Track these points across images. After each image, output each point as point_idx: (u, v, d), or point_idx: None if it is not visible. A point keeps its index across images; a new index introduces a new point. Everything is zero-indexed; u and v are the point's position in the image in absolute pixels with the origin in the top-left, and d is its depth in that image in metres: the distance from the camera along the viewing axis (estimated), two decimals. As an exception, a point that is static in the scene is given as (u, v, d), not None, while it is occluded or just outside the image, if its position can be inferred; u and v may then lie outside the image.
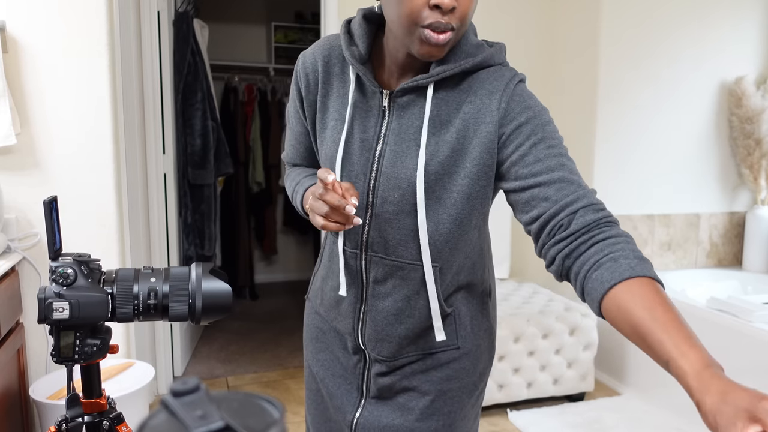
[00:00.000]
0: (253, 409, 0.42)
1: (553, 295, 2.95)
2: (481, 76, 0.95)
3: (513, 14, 3.22)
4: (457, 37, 0.90)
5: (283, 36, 4.74)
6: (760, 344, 2.25)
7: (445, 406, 1.08)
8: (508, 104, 0.92)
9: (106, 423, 0.96)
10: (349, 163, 0.99)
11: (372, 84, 0.97)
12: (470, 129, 0.93)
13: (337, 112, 1.01)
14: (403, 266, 1.00)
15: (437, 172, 0.94)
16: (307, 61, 1.04)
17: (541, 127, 0.92)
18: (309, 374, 1.20)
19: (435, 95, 0.95)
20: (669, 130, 3.11)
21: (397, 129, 0.97)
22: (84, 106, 2.10)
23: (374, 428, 1.09)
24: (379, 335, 1.05)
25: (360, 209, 0.98)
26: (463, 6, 0.87)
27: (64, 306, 0.84)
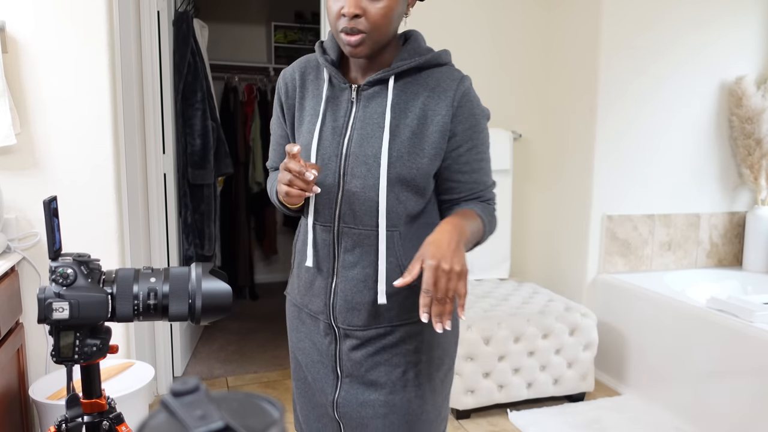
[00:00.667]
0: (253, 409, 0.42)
1: (553, 295, 2.94)
2: (434, 74, 1.17)
3: (513, 14, 3.22)
4: (372, 39, 1.09)
5: (283, 36, 4.74)
6: (760, 344, 2.25)
7: (415, 377, 1.19)
8: (460, 105, 1.15)
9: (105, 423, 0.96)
10: (323, 147, 1.16)
11: (341, 81, 1.17)
12: (428, 117, 1.15)
13: (312, 109, 1.20)
14: (369, 234, 1.15)
15: (399, 150, 1.13)
16: (287, 74, 1.25)
17: (477, 134, 1.18)
18: (295, 364, 1.31)
19: (396, 86, 1.15)
20: (669, 129, 3.11)
21: (363, 116, 1.15)
22: (84, 106, 2.10)
23: (353, 405, 1.20)
24: (349, 304, 1.17)
25: (333, 186, 1.15)
26: (370, 14, 1.07)
27: (64, 306, 0.84)
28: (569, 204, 3.21)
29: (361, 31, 1.08)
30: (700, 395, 2.51)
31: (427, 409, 1.21)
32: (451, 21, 3.11)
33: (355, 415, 1.20)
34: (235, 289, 4.40)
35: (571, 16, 3.14)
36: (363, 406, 1.19)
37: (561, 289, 3.28)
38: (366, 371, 1.19)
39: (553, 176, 3.32)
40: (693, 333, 2.54)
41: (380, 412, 1.18)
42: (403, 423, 1.19)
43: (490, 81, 3.21)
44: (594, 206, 3.05)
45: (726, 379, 2.39)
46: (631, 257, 3.12)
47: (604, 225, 3.06)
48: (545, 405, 2.72)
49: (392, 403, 1.18)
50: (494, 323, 2.57)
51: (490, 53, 3.20)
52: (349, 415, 1.20)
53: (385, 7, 1.07)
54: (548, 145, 3.35)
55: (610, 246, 3.07)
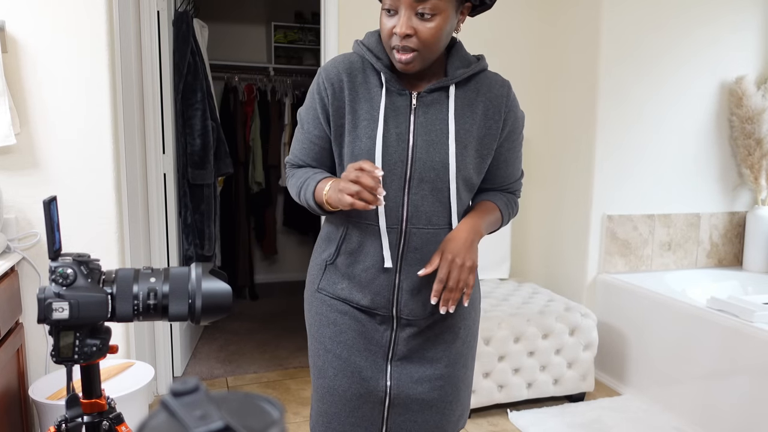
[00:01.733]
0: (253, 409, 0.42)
1: (553, 295, 2.94)
2: (483, 80, 1.26)
3: (513, 15, 3.22)
4: (424, 57, 1.16)
5: (283, 36, 4.74)
6: (760, 344, 2.25)
7: (463, 349, 1.34)
8: (509, 110, 1.27)
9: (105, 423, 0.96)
10: (387, 153, 1.20)
11: (400, 87, 1.22)
12: (486, 123, 1.24)
13: (367, 113, 1.21)
14: (437, 233, 1.24)
15: (463, 155, 1.22)
16: (331, 73, 1.24)
17: (518, 136, 1.32)
18: (327, 359, 1.31)
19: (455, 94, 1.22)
20: (669, 130, 3.11)
21: (425, 122, 1.21)
22: (84, 106, 2.10)
23: (408, 384, 1.29)
24: (415, 298, 1.26)
25: (399, 190, 1.21)
26: (422, 34, 1.12)
27: (63, 306, 0.84)
28: (569, 204, 3.21)
29: (413, 49, 1.14)
30: (701, 395, 2.50)
31: (469, 375, 1.38)
32: (451, 21, 3.10)
33: (410, 392, 1.29)
34: (235, 289, 4.40)
35: (572, 17, 3.14)
36: (419, 383, 1.29)
37: (561, 289, 3.28)
38: (425, 350, 1.30)
39: (553, 176, 3.32)
40: (693, 333, 2.54)
41: (437, 384, 1.30)
42: (455, 390, 1.33)
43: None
44: (594, 206, 3.05)
45: (726, 379, 2.39)
46: (631, 257, 3.12)
47: (604, 225, 3.06)
48: (545, 405, 2.72)
49: (447, 375, 1.31)
50: (494, 323, 2.57)
51: (491, 53, 3.20)
52: (404, 394, 1.29)
53: (435, 27, 1.12)
54: (548, 145, 3.34)
55: (610, 246, 3.07)
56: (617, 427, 2.53)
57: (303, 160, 1.31)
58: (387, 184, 1.20)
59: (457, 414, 1.36)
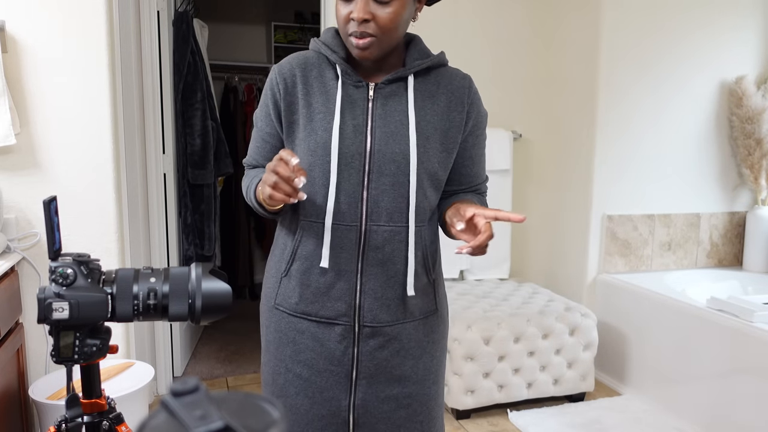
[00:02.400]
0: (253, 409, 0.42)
1: (553, 295, 2.94)
2: (443, 73, 1.24)
3: (513, 14, 3.22)
4: (381, 43, 1.13)
5: (283, 36, 4.74)
6: (760, 344, 2.25)
7: (432, 365, 1.27)
8: (471, 104, 1.24)
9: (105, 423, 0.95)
10: (344, 145, 1.15)
11: (356, 78, 1.18)
12: (449, 115, 1.21)
13: (323, 106, 1.17)
14: (399, 230, 1.17)
15: (425, 147, 1.17)
16: (284, 68, 1.21)
17: (482, 131, 1.28)
18: (286, 380, 1.24)
19: (414, 84, 1.19)
20: (669, 130, 3.11)
21: (383, 114, 1.17)
22: (84, 106, 2.10)
23: (373, 403, 1.22)
24: (379, 301, 1.19)
25: (357, 184, 1.15)
26: (380, 19, 1.10)
27: (63, 306, 0.84)
28: (569, 204, 3.21)
29: (371, 34, 1.11)
30: (701, 395, 2.50)
31: (440, 392, 1.31)
32: (452, 20, 3.11)
33: (376, 413, 1.22)
34: (235, 289, 4.40)
35: (572, 17, 3.14)
36: (385, 402, 1.22)
37: (561, 289, 3.28)
38: (391, 367, 1.22)
39: (553, 176, 3.32)
40: (693, 333, 2.54)
41: (404, 402, 1.23)
42: (425, 409, 1.26)
43: (491, 81, 3.21)
44: (594, 206, 3.05)
45: (726, 379, 2.39)
46: (631, 257, 3.12)
47: (604, 225, 3.06)
48: (545, 405, 2.72)
49: (416, 393, 1.24)
50: (494, 323, 2.57)
51: (491, 53, 3.20)
52: (369, 414, 1.22)
53: (393, 12, 1.10)
54: (548, 145, 3.34)
55: (610, 246, 3.07)
56: (617, 427, 2.53)
57: (257, 160, 1.26)
58: (345, 179, 1.14)
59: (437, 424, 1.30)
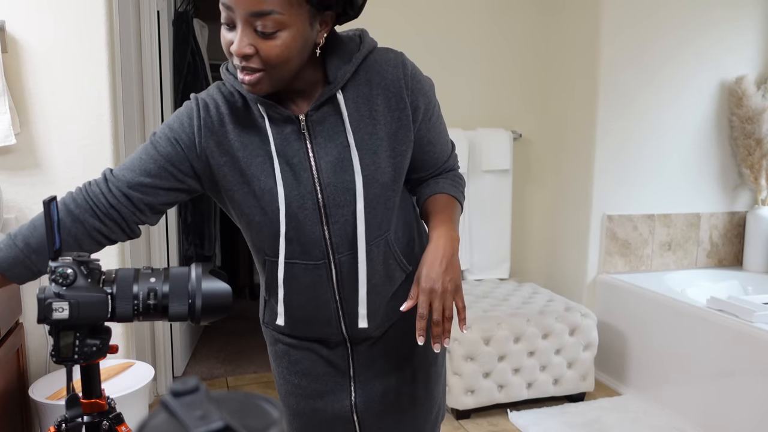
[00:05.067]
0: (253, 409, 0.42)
1: (553, 295, 2.94)
2: (372, 66, 1.06)
3: (513, 14, 3.22)
4: (272, 77, 0.96)
5: (283, 36, 4.73)
6: (760, 344, 2.25)
7: (428, 351, 1.24)
8: (412, 89, 1.07)
9: (105, 423, 0.95)
10: (293, 187, 1.05)
11: (283, 113, 1.03)
12: (387, 117, 1.07)
13: (259, 148, 1.04)
14: (370, 249, 1.10)
15: (375, 162, 1.06)
16: (209, 103, 1.06)
17: (432, 109, 1.13)
18: (289, 389, 1.24)
19: (345, 98, 1.04)
20: (669, 129, 3.11)
21: (323, 142, 1.05)
22: (84, 106, 2.10)
23: (375, 397, 1.21)
24: (362, 318, 1.13)
25: (316, 223, 1.07)
26: (264, 53, 0.93)
27: (63, 306, 0.84)
28: (569, 204, 3.21)
29: (257, 69, 0.95)
30: (700, 395, 2.50)
31: (438, 371, 1.28)
32: (451, 20, 3.11)
33: (379, 406, 1.21)
34: (235, 289, 4.40)
35: (572, 17, 3.14)
36: (386, 395, 1.21)
37: (561, 289, 3.28)
38: (387, 361, 1.21)
39: (553, 176, 3.32)
40: (693, 333, 2.54)
41: (404, 391, 1.22)
42: (426, 392, 1.25)
43: (491, 81, 3.21)
44: (594, 206, 3.05)
45: (726, 379, 2.39)
46: (631, 257, 3.12)
47: (604, 225, 3.06)
48: (545, 405, 2.72)
49: (414, 379, 1.23)
50: (494, 323, 2.57)
51: (491, 53, 3.20)
52: (372, 410, 1.21)
53: (281, 45, 0.93)
54: (548, 145, 3.34)
55: (610, 246, 3.07)
56: (617, 427, 2.53)
57: (130, 176, 1.04)
58: (300, 222, 1.05)
59: (434, 413, 1.30)
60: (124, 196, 1.04)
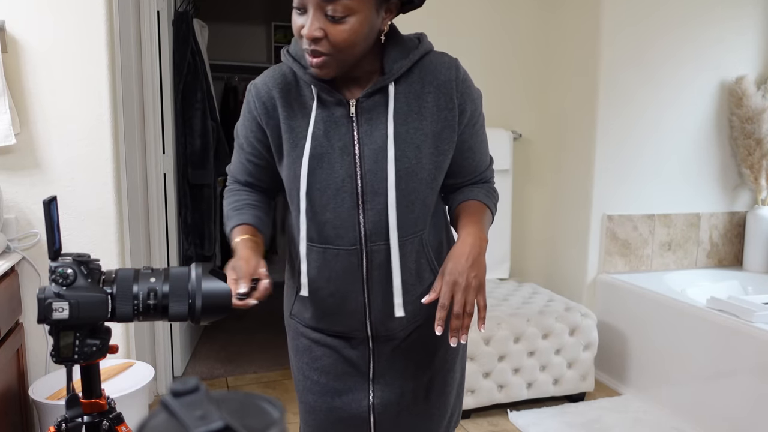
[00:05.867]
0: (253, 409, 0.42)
1: (553, 295, 2.94)
2: (427, 66, 1.11)
3: (513, 14, 3.22)
4: (338, 61, 1.02)
5: (283, 36, 4.74)
6: (760, 344, 2.25)
7: (448, 356, 1.25)
8: (462, 95, 1.12)
9: (105, 423, 0.96)
10: (332, 170, 1.09)
11: (335, 97, 1.08)
12: (435, 115, 1.11)
13: (304, 130, 1.10)
14: (404, 244, 1.13)
15: (416, 156, 1.09)
16: (261, 90, 1.13)
17: (478, 117, 1.18)
18: (308, 385, 1.25)
19: (395, 91, 1.09)
20: (669, 129, 3.11)
21: (369, 130, 1.09)
22: (84, 106, 2.10)
23: (392, 398, 1.22)
24: (390, 315, 1.15)
25: (352, 207, 1.10)
26: (333, 37, 0.99)
27: (63, 306, 0.84)
28: (569, 204, 3.21)
29: (324, 53, 1.00)
30: (700, 395, 2.50)
31: (456, 377, 1.30)
32: (451, 20, 3.11)
33: (395, 407, 1.23)
34: (235, 289, 4.39)
35: (572, 17, 3.14)
36: (403, 396, 1.23)
37: (561, 289, 3.28)
38: (407, 364, 1.22)
39: (553, 176, 3.32)
40: (693, 333, 2.54)
41: (421, 394, 1.24)
42: (441, 397, 1.26)
43: (491, 81, 3.21)
44: (594, 206, 3.05)
45: (726, 379, 2.39)
46: (631, 257, 3.12)
47: (604, 225, 3.06)
48: (545, 405, 2.72)
49: (431, 383, 1.24)
50: (494, 323, 2.57)
51: (490, 53, 3.20)
52: (388, 411, 1.23)
53: (349, 30, 0.98)
54: (548, 145, 3.34)
55: (610, 246, 3.07)
56: (617, 427, 2.53)
57: (239, 177, 1.22)
58: (338, 204, 1.09)
59: (447, 418, 1.31)
60: None
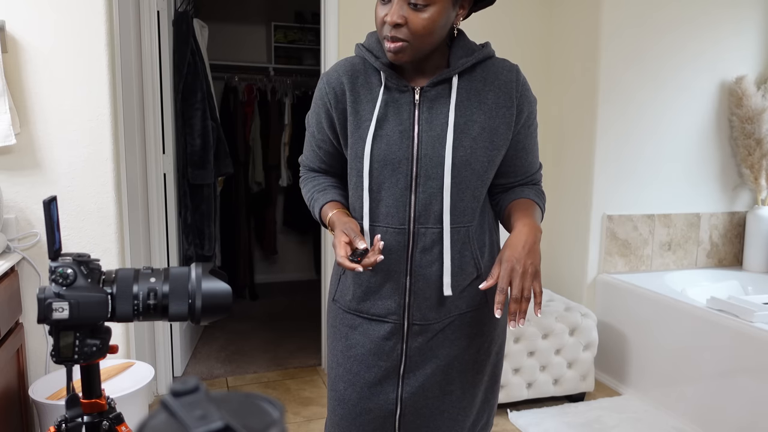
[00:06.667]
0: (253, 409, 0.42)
1: (553, 295, 2.94)
2: (489, 67, 1.21)
3: (513, 14, 3.22)
4: (414, 48, 1.12)
5: (283, 36, 4.74)
6: (760, 344, 2.25)
7: (479, 356, 1.29)
8: (521, 96, 1.21)
9: (105, 423, 0.96)
10: (390, 151, 1.17)
11: (401, 83, 1.18)
12: (495, 111, 1.19)
13: (370, 114, 1.19)
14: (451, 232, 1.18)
15: (472, 147, 1.16)
16: (332, 77, 1.23)
17: (533, 121, 1.26)
18: (339, 372, 1.30)
19: (458, 85, 1.18)
20: (669, 129, 3.11)
21: (429, 117, 1.17)
22: (84, 106, 2.10)
23: (420, 392, 1.25)
24: (428, 302, 1.21)
25: (405, 189, 1.18)
26: (413, 24, 1.10)
27: (63, 306, 0.84)
28: (569, 204, 3.21)
29: (403, 39, 1.11)
30: (701, 395, 2.50)
31: (484, 380, 1.32)
32: (451, 21, 3.10)
33: (421, 402, 1.26)
34: (235, 289, 4.40)
35: (572, 17, 3.14)
36: (430, 390, 1.26)
37: (561, 289, 3.28)
38: (438, 360, 1.25)
39: (553, 176, 3.32)
40: (693, 333, 2.54)
41: (448, 390, 1.27)
42: (468, 396, 1.29)
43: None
44: (594, 206, 3.05)
45: (726, 379, 2.39)
46: (631, 257, 3.12)
47: (604, 225, 3.06)
48: (545, 405, 2.72)
49: (459, 380, 1.28)
50: (494, 323, 2.57)
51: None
52: (414, 404, 1.26)
53: (428, 18, 1.09)
54: (548, 145, 3.34)
55: (610, 246, 3.07)
56: (617, 427, 2.53)
57: (312, 164, 1.33)
58: (393, 183, 1.18)
59: (471, 419, 1.32)
60: None
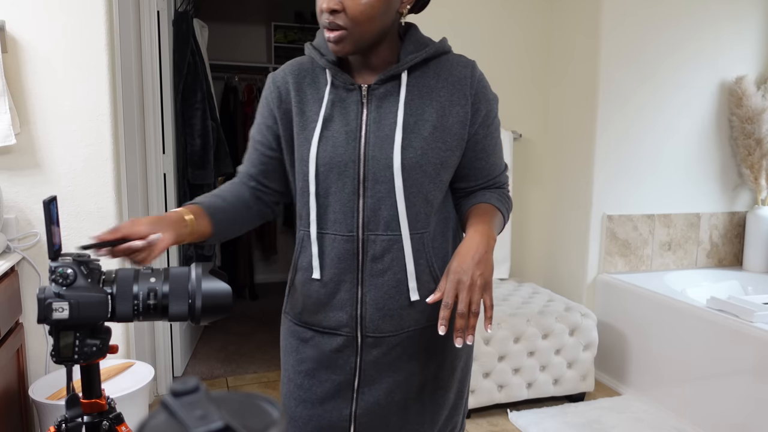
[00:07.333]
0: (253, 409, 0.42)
1: (553, 295, 2.94)
2: (443, 63, 1.14)
3: (513, 14, 3.22)
4: (354, 37, 1.05)
5: (283, 36, 4.74)
6: (760, 344, 2.25)
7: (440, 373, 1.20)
8: (477, 93, 1.13)
9: (105, 423, 0.95)
10: (336, 154, 1.09)
11: (347, 81, 1.10)
12: (448, 109, 1.11)
13: (316, 114, 1.12)
14: (399, 239, 1.10)
15: (422, 147, 1.09)
16: (278, 77, 1.17)
17: (492, 120, 1.17)
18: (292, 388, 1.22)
19: (408, 82, 1.10)
20: (669, 129, 3.11)
21: (377, 117, 1.10)
22: (84, 106, 2.10)
23: (375, 410, 1.17)
24: (381, 312, 1.13)
25: (352, 193, 1.10)
26: (350, 9, 1.02)
27: (63, 306, 0.84)
28: (569, 204, 3.21)
29: (341, 27, 1.03)
30: (700, 395, 2.50)
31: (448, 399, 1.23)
32: (451, 20, 3.11)
33: (377, 420, 1.18)
34: (235, 289, 4.40)
35: (572, 17, 3.14)
36: (386, 407, 1.18)
37: (561, 289, 3.28)
38: (395, 374, 1.17)
39: (553, 176, 3.32)
40: (693, 333, 2.54)
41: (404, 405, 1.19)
42: (428, 413, 1.21)
43: (490, 81, 3.21)
44: (594, 206, 3.05)
45: (726, 379, 2.39)
46: (631, 257, 3.12)
47: (604, 225, 3.06)
48: (545, 405, 2.72)
49: (419, 396, 1.19)
50: (494, 323, 2.57)
51: (491, 53, 3.20)
52: (370, 422, 1.18)
53: (366, 3, 1.01)
54: (548, 145, 3.34)
55: (610, 246, 3.07)
56: (617, 427, 2.53)
57: (245, 168, 1.22)
58: (339, 188, 1.09)
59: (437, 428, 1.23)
60: None
